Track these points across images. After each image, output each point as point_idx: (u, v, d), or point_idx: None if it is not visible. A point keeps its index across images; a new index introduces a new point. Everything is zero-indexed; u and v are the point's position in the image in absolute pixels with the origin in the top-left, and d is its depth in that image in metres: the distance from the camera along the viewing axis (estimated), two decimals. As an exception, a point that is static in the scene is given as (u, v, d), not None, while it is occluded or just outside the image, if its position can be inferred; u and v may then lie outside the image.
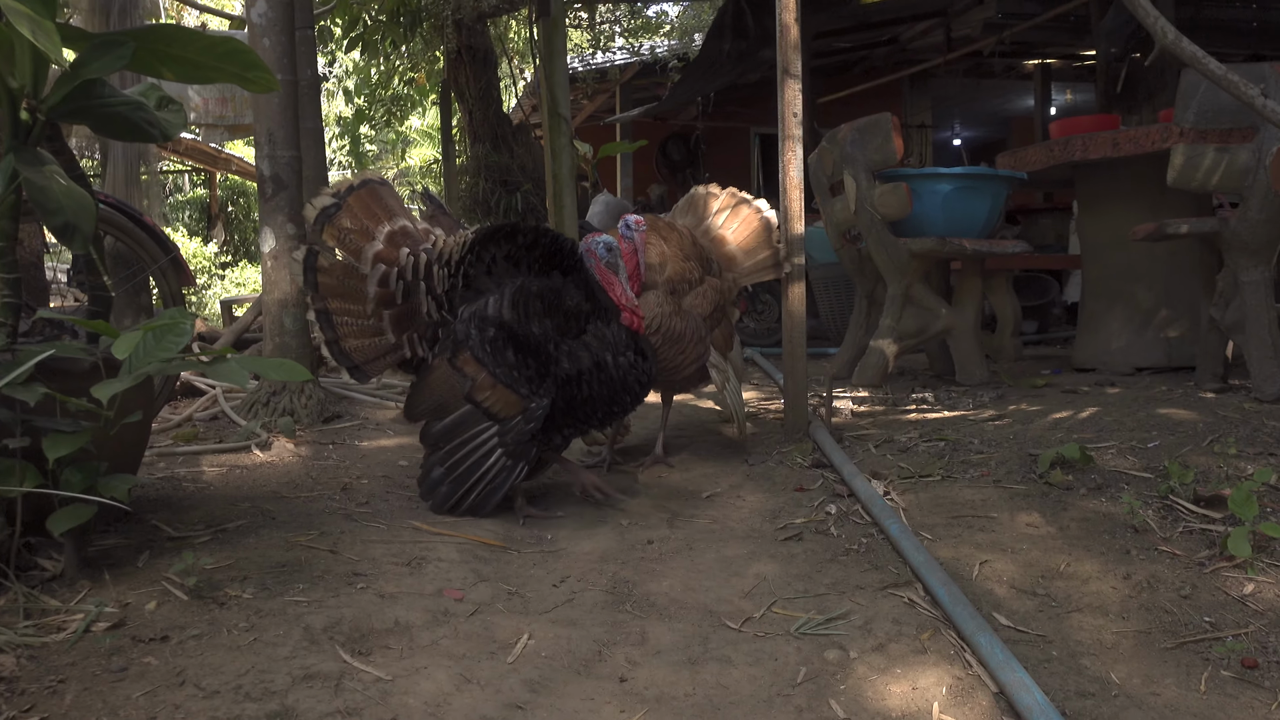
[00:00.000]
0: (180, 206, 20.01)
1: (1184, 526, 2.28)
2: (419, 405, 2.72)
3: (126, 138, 2.39)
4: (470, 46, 9.38)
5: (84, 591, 1.97)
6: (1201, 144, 3.47)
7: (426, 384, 2.69)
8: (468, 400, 2.63)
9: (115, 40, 2.21)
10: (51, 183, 2.07)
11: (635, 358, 2.70)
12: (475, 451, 2.64)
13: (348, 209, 2.75)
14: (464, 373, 2.63)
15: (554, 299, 2.67)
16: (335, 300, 2.72)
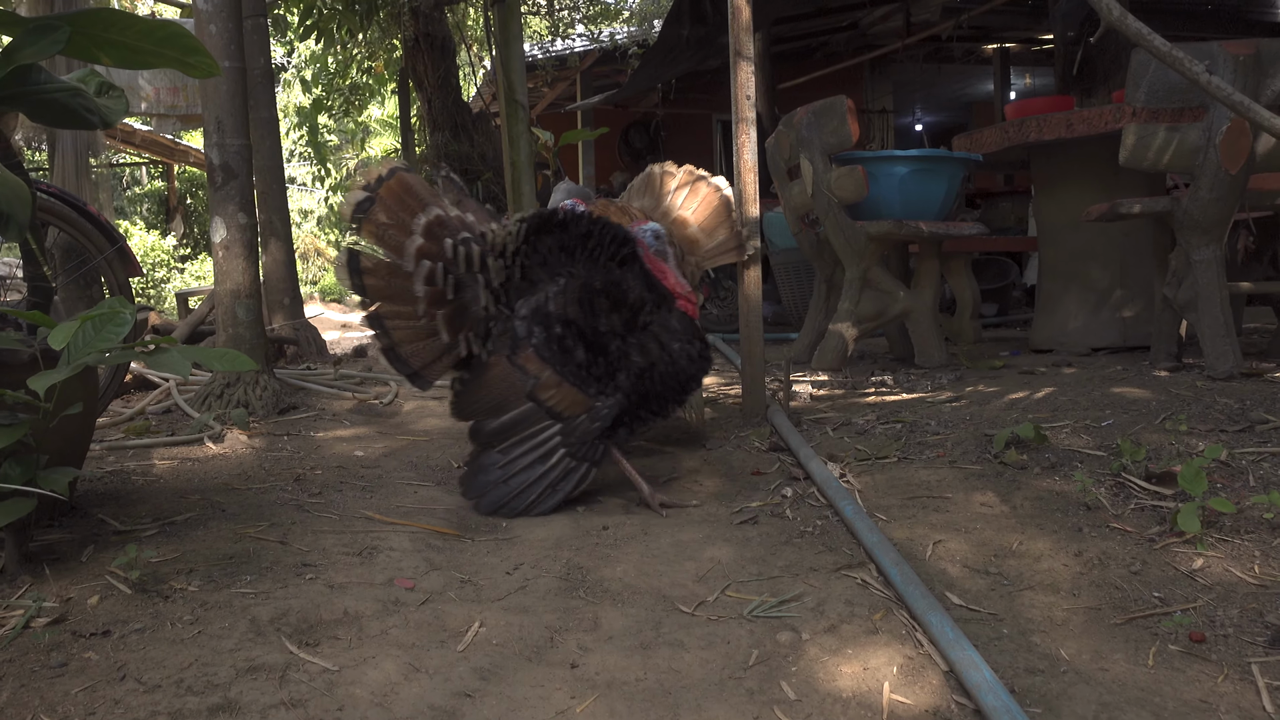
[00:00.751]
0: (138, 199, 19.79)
1: (1135, 503, 2.29)
2: (473, 404, 2.62)
3: (64, 125, 2.34)
4: (428, 34, 9.31)
5: (24, 587, 1.93)
6: (1153, 124, 3.49)
7: (482, 381, 2.60)
8: (530, 399, 2.55)
9: (50, 25, 2.16)
10: (-16, 170, 2.02)
11: (699, 345, 2.65)
12: (535, 450, 2.56)
13: (381, 202, 2.62)
14: (526, 370, 2.55)
15: (618, 292, 2.60)
16: (385, 303, 2.60)
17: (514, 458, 2.56)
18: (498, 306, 2.62)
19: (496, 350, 2.60)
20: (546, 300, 2.58)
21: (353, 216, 2.62)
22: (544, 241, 2.64)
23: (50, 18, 2.19)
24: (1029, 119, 4.42)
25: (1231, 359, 3.43)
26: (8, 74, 2.14)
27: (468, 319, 2.63)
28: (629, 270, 2.66)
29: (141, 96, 7.94)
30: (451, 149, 9.28)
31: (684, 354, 2.61)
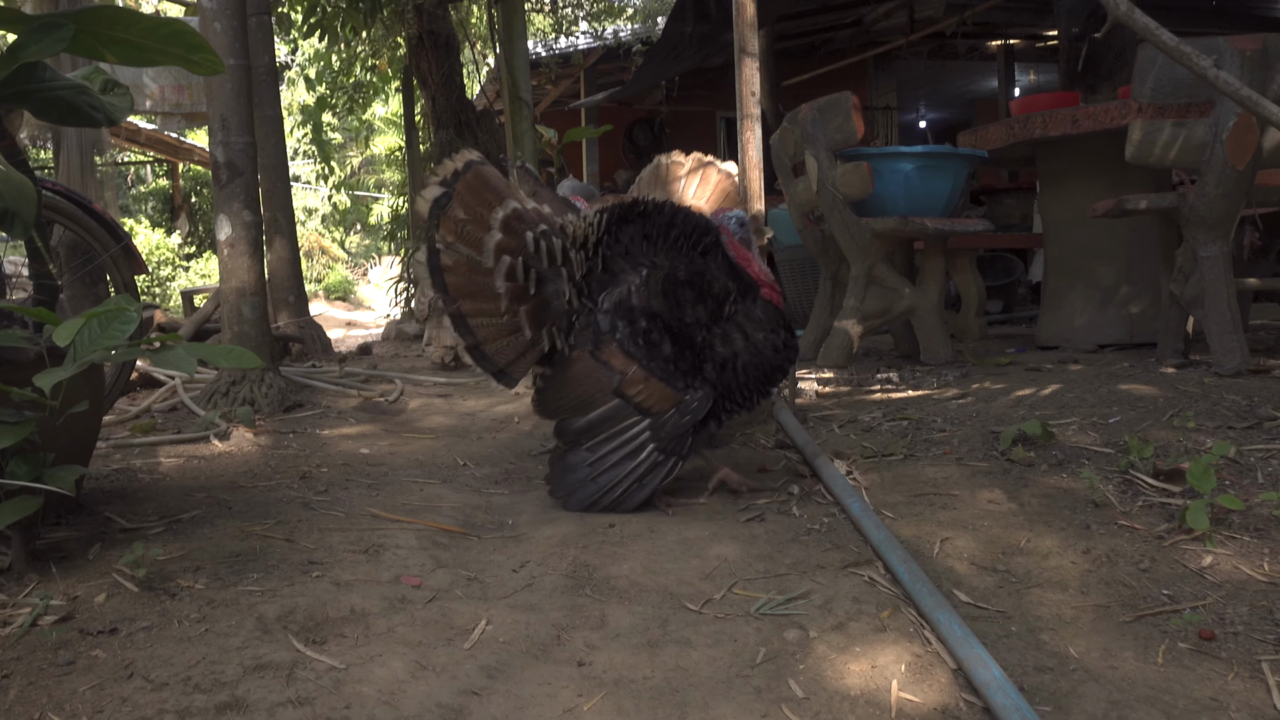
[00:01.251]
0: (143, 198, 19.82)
1: (1143, 501, 2.28)
2: (556, 400, 2.57)
3: (69, 122, 2.34)
4: (432, 32, 9.29)
5: (32, 585, 1.93)
6: (1159, 119, 3.48)
7: (566, 377, 2.55)
8: (616, 395, 2.50)
9: (54, 22, 2.15)
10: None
11: (784, 334, 2.59)
12: (624, 447, 2.51)
13: (459, 198, 2.58)
14: (611, 366, 2.50)
15: (703, 283, 2.55)
16: (467, 301, 2.56)
17: (602, 455, 2.52)
18: (580, 300, 2.57)
19: (579, 345, 2.55)
20: (629, 293, 2.53)
21: (431, 213, 2.59)
22: (625, 232, 2.60)
23: (55, 15, 2.18)
24: (1034, 115, 4.41)
25: (1239, 355, 3.42)
26: (12, 72, 2.14)
27: (550, 313, 2.59)
28: (712, 259, 2.61)
29: (146, 94, 7.95)
30: (456, 147, 9.22)
31: (769, 344, 2.55)
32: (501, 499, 2.73)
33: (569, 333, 2.58)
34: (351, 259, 26.04)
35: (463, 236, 2.57)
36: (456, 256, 2.57)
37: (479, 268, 2.56)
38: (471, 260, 2.57)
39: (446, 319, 2.75)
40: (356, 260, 26.55)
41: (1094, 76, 7.26)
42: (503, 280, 2.54)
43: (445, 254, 2.57)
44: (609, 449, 2.52)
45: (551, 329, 2.59)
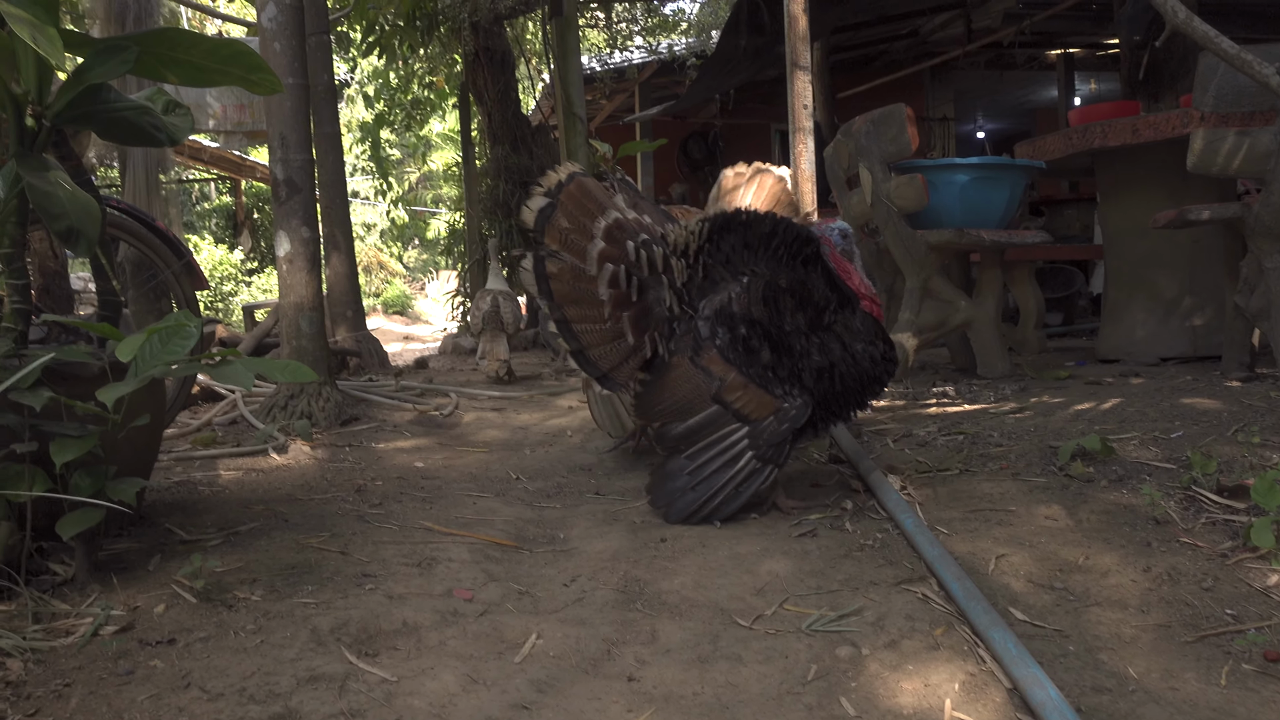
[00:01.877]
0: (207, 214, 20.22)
1: (1206, 518, 2.23)
2: (656, 406, 2.59)
3: (132, 142, 2.40)
4: (488, 48, 9.40)
5: (94, 595, 1.97)
6: (1222, 128, 3.41)
7: (665, 383, 2.57)
8: (715, 401, 2.51)
9: (118, 45, 2.21)
10: (56, 188, 2.07)
11: (884, 346, 2.58)
12: (723, 455, 2.51)
13: (562, 207, 2.63)
14: (710, 372, 2.51)
15: (803, 292, 2.55)
16: (571, 307, 2.61)
17: (701, 463, 2.52)
18: (681, 306, 2.60)
19: (679, 351, 2.57)
20: (730, 300, 2.54)
21: (536, 223, 2.63)
22: (726, 240, 2.62)
23: (119, 38, 2.24)
24: (1093, 125, 4.35)
25: (1307, 369, 3.34)
26: (79, 93, 2.20)
27: (652, 320, 2.62)
28: (812, 269, 2.62)
29: (210, 114, 8.12)
30: (511, 161, 9.35)
31: (867, 355, 2.54)
32: (553, 513, 2.74)
33: (669, 339, 2.61)
34: (409, 274, 26.33)
35: (567, 245, 2.61)
36: (561, 264, 2.61)
37: (583, 275, 2.60)
38: (575, 268, 2.61)
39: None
40: (414, 275, 26.85)
41: (1156, 85, 7.14)
42: (606, 287, 2.59)
43: (550, 261, 2.61)
44: (708, 456, 2.52)
45: (653, 335, 2.62)
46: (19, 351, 2.09)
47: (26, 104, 2.17)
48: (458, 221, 11.55)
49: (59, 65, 2.01)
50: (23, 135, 2.17)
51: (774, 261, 2.61)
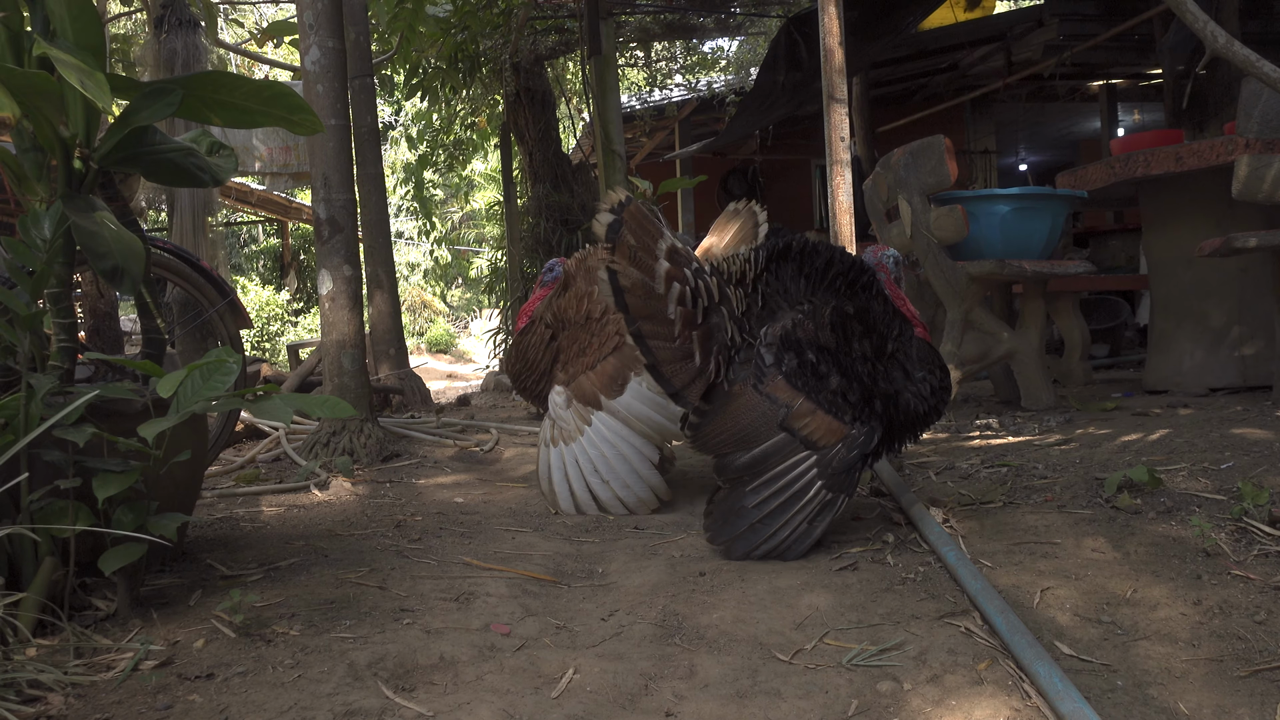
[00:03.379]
0: (255, 256, 20.55)
1: (1259, 549, 2.18)
2: (716, 435, 2.53)
3: (177, 183, 2.44)
4: (529, 89, 9.51)
5: (134, 630, 1.98)
6: (1267, 154, 3.37)
7: (728, 412, 2.52)
8: (782, 428, 2.46)
9: (163, 89, 2.26)
10: (101, 228, 2.11)
11: (940, 375, 2.58)
12: (791, 486, 2.45)
13: (628, 225, 2.60)
14: (776, 399, 2.47)
15: (869, 319, 2.55)
16: (645, 323, 2.58)
17: (768, 495, 2.46)
18: (741, 335, 2.59)
19: (740, 379, 2.54)
20: (794, 326, 2.52)
21: (607, 236, 2.60)
22: (784, 269, 2.61)
23: (164, 81, 2.29)
24: (1136, 154, 4.31)
25: (1361, 398, 3.27)
26: (125, 136, 2.24)
27: (715, 342, 2.60)
28: (870, 297, 2.62)
29: (256, 156, 8.27)
30: (552, 200, 9.43)
31: (927, 383, 2.54)
32: (592, 547, 2.73)
33: (729, 366, 2.58)
34: (453, 312, 26.56)
35: (635, 262, 2.59)
36: (632, 279, 2.58)
37: (652, 293, 2.58)
38: (646, 284, 2.58)
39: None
40: (457, 314, 27.08)
41: (1201, 113, 7.07)
42: (674, 305, 2.56)
43: (623, 275, 2.58)
44: (775, 488, 2.46)
45: (717, 358, 2.58)
46: (64, 389, 2.13)
47: (74, 146, 2.22)
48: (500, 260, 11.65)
49: (106, 109, 2.05)
50: (70, 177, 2.22)
51: (831, 290, 2.61)
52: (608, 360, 3.10)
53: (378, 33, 7.75)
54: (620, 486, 3.07)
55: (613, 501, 3.08)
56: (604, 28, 6.36)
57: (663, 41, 11.66)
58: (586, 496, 3.08)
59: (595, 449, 3.06)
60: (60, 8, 2.11)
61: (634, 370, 3.06)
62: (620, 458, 3.06)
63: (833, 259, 2.62)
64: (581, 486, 3.08)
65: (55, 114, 2.16)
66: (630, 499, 3.09)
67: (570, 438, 3.10)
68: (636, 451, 3.07)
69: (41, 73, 2.04)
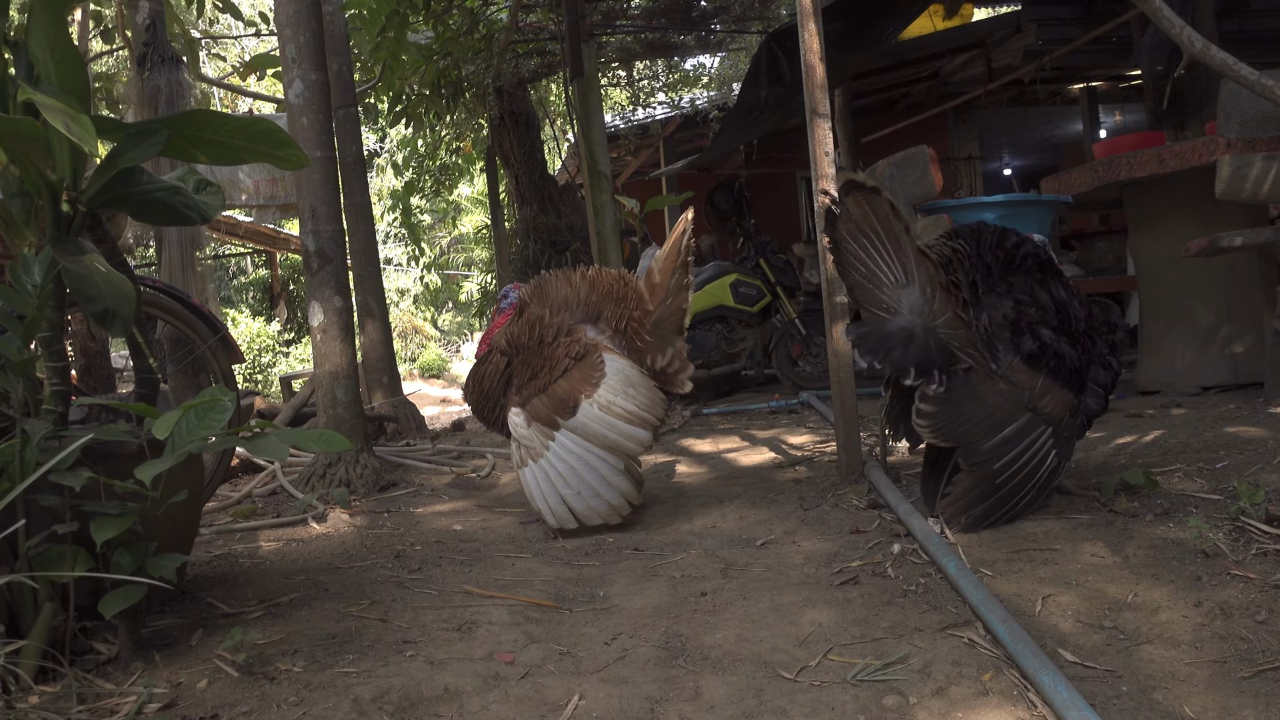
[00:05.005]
0: (244, 288, 20.53)
1: (1257, 548, 2.19)
2: (962, 423, 2.58)
3: (166, 222, 2.44)
4: (512, 112, 9.54)
5: (137, 673, 1.97)
6: (1249, 153, 3.39)
7: (973, 399, 2.58)
8: (1028, 409, 2.57)
9: (149, 129, 2.26)
10: (91, 271, 2.11)
11: (1114, 331, 2.78)
12: (1034, 458, 2.58)
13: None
14: (1018, 382, 2.58)
15: (1072, 300, 2.70)
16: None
17: (1013, 471, 2.57)
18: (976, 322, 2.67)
19: (974, 367, 2.59)
20: (1017, 310, 2.62)
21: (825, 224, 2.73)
22: (981, 253, 2.71)
23: (149, 122, 2.30)
24: (1119, 157, 4.33)
25: (1352, 392, 3.28)
26: (112, 177, 2.25)
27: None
28: (1056, 274, 2.76)
29: (242, 189, 8.28)
30: (540, 221, 9.45)
31: (1109, 344, 2.73)
32: (592, 570, 2.73)
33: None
34: (444, 337, 26.52)
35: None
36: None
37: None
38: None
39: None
40: (449, 338, 27.04)
41: (1181, 113, 7.11)
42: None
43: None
44: (1020, 463, 2.57)
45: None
46: (59, 433, 2.12)
47: (61, 190, 2.22)
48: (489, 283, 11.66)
49: (92, 152, 2.06)
50: (58, 220, 2.22)
51: (1024, 272, 2.73)
52: (558, 384, 3.13)
53: (360, 62, 7.77)
54: (591, 496, 3.09)
55: (587, 512, 3.09)
56: (585, 49, 6.39)
57: (644, 60, 11.69)
58: (563, 509, 3.09)
59: (562, 462, 3.09)
60: (44, 52, 2.12)
61: (584, 393, 3.10)
62: (587, 467, 3.09)
63: (1021, 241, 2.74)
64: (557, 500, 3.09)
65: (42, 159, 2.17)
66: (602, 507, 3.10)
67: (537, 455, 3.13)
68: (602, 461, 3.11)
69: (27, 119, 2.05)
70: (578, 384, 3.11)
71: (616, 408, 3.09)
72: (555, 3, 6.95)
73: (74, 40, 2.19)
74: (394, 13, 6.51)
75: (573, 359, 3.14)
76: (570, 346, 3.17)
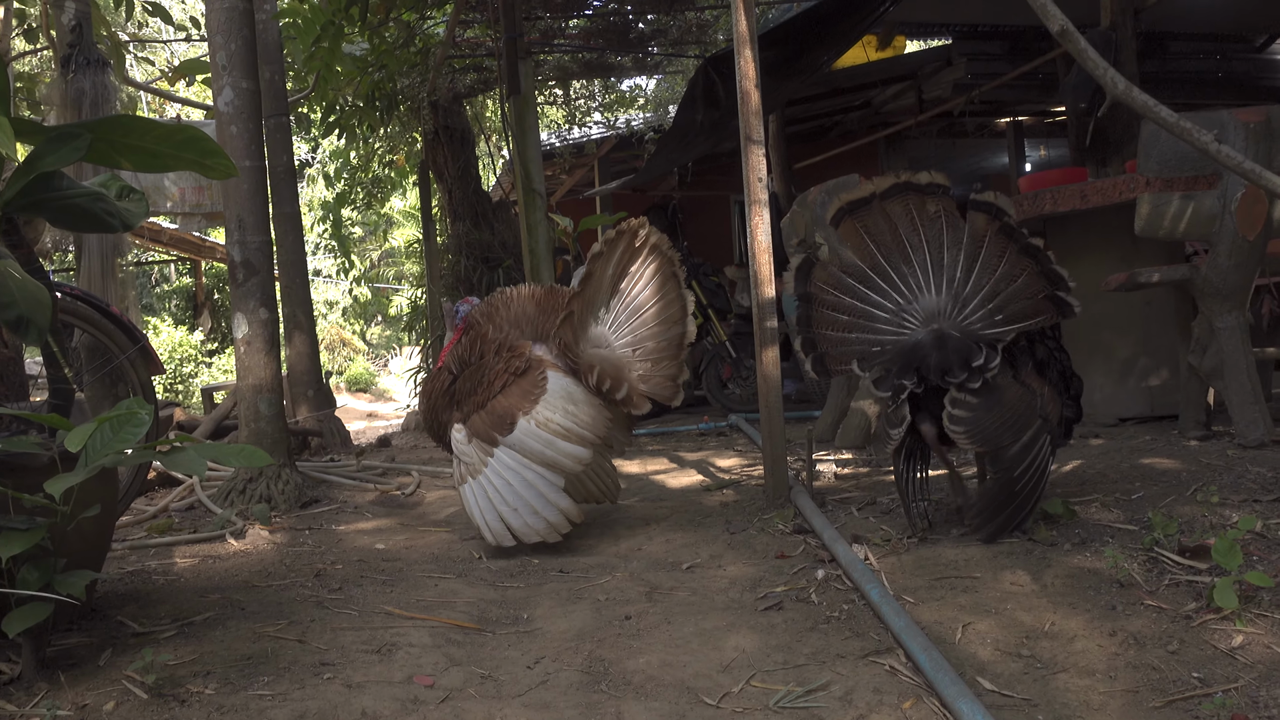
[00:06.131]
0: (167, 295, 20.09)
1: (1169, 579, 2.24)
2: (994, 426, 2.60)
3: (85, 229, 2.38)
4: (447, 127, 9.47)
5: (41, 694, 1.91)
6: (1167, 192, 3.48)
7: (1004, 403, 2.61)
8: (1039, 415, 2.64)
9: (71, 133, 2.20)
10: (5, 276, 2.05)
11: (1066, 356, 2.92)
12: (1042, 463, 2.64)
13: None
14: (1033, 388, 2.66)
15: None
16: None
17: (1030, 476, 2.61)
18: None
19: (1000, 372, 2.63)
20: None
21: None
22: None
23: (71, 126, 2.24)
24: (1043, 191, 4.43)
25: (1261, 426, 3.38)
26: (30, 181, 2.18)
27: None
28: None
29: (167, 196, 8.11)
30: (473, 237, 9.38)
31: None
32: (516, 592, 2.70)
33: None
34: (372, 350, 26.22)
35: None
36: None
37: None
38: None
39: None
40: (377, 352, 26.73)
41: (1103, 150, 7.29)
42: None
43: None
44: (1034, 468, 2.62)
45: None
46: (-35, 443, 2.05)
47: (-25, 193, 2.15)
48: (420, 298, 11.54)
49: (10, 155, 2.00)
50: (-29, 224, 2.15)
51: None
52: (497, 400, 3.13)
53: (294, 70, 7.67)
54: (529, 513, 3.05)
55: (524, 529, 3.05)
56: (523, 67, 6.37)
57: (581, 80, 11.72)
58: (500, 526, 3.05)
59: (500, 478, 3.07)
60: (-39, 52, 2.05)
61: (522, 410, 3.09)
62: (525, 484, 3.06)
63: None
64: (494, 517, 3.05)
65: (-44, 160, 2.10)
66: (540, 525, 3.06)
67: (476, 471, 3.10)
68: (540, 478, 3.08)
69: (-59, 119, 1.98)
70: (517, 400, 3.10)
71: (554, 424, 3.08)
72: (493, 19, 6.93)
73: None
74: (329, 23, 6.43)
75: (513, 374, 3.13)
76: (510, 362, 3.17)
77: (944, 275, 2.79)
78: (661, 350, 3.31)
